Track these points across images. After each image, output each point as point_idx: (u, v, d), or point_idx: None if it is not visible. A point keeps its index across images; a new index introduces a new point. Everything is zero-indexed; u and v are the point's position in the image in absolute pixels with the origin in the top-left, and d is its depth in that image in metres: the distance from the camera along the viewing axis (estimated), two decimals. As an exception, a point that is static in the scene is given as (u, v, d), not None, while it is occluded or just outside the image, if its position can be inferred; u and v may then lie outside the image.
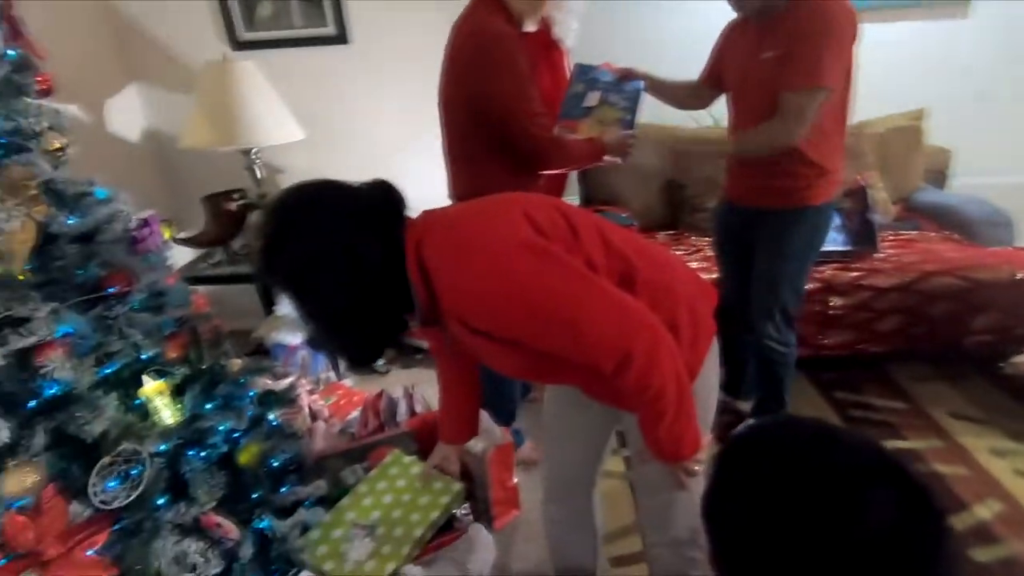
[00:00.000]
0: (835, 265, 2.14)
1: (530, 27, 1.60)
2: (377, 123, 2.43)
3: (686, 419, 0.88)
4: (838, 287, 2.10)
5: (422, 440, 1.70)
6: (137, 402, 1.07)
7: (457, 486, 1.44)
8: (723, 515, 0.55)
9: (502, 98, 1.46)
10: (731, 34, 1.68)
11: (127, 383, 1.04)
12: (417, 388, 2.04)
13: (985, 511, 1.62)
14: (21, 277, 0.86)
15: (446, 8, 1.62)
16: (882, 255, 2.21)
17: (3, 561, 0.84)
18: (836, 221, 2.28)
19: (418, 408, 1.91)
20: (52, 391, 0.91)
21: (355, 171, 2.78)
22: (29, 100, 0.95)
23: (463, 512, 1.51)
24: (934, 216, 2.54)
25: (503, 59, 1.44)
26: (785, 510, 0.49)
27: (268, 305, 2.62)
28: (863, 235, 2.24)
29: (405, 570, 1.27)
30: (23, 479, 0.85)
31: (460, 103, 1.55)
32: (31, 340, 0.87)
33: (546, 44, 2.50)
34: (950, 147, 2.93)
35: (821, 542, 0.47)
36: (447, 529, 1.42)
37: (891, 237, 2.39)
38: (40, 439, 0.90)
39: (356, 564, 1.23)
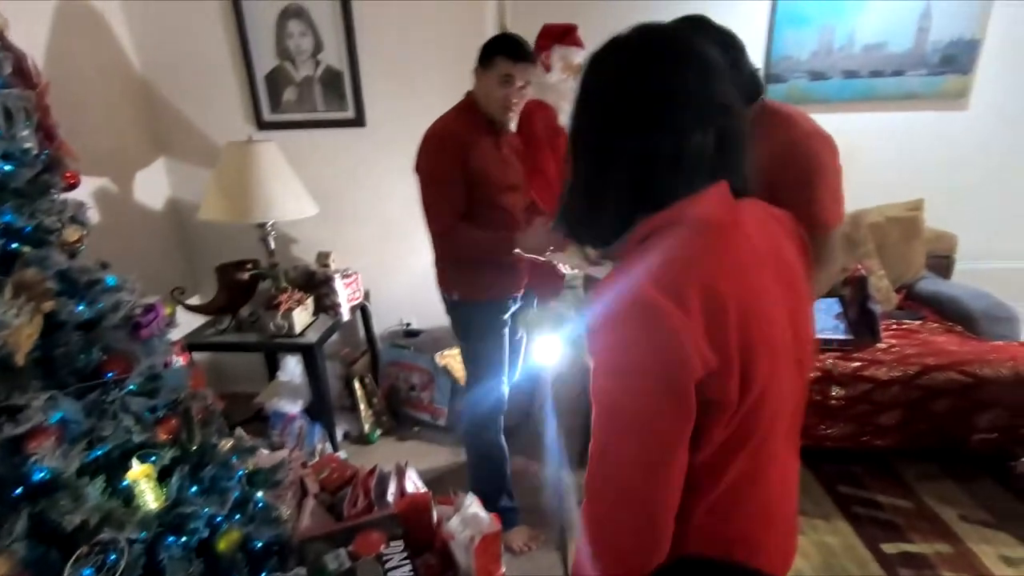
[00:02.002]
0: (835, 354, 2.14)
1: (510, 127, 1.84)
2: (387, 200, 2.54)
3: None
4: (838, 377, 2.09)
5: (408, 523, 1.67)
6: (123, 484, 1.08)
7: None
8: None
9: (419, 184, 1.70)
10: None
11: (115, 466, 1.06)
12: (410, 465, 2.02)
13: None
14: (21, 365, 0.90)
15: (453, 97, 1.75)
16: (884, 345, 2.20)
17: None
18: (835, 309, 2.29)
19: (408, 487, 1.89)
20: (39, 477, 0.93)
21: (363, 245, 2.89)
22: (54, 198, 1.03)
23: (446, 604, 1.47)
24: (937, 306, 2.53)
25: (426, 154, 1.68)
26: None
27: (271, 371, 2.67)
28: (863, 325, 2.24)
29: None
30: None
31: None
32: (24, 428, 0.90)
33: (554, 132, 2.64)
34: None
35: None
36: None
37: (894, 327, 2.39)
38: (22, 525, 0.92)
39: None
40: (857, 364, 2.10)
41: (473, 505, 1.72)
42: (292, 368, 2.55)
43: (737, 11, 3.83)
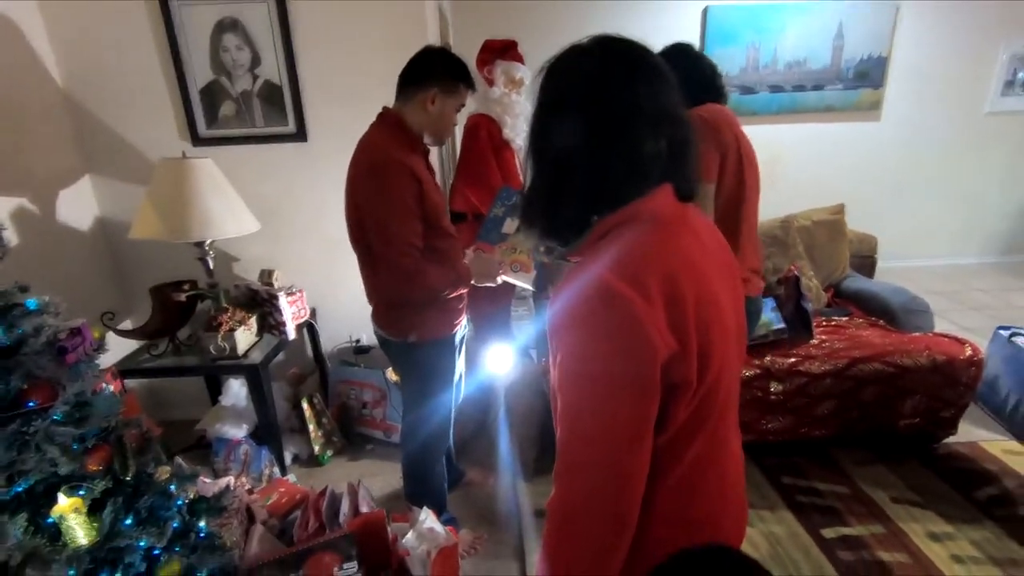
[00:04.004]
0: (774, 352, 2.25)
1: (432, 144, 1.66)
2: (331, 215, 2.50)
3: None
4: (776, 373, 2.19)
5: (362, 543, 1.63)
6: (49, 520, 1.02)
7: None
8: None
9: (377, 219, 1.52)
10: None
11: (39, 501, 0.99)
12: (363, 482, 1.98)
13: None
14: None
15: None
16: (816, 341, 2.33)
17: None
18: (770, 305, 2.42)
19: (363, 506, 1.85)
20: (-48, 518, 0.87)
21: (308, 261, 2.81)
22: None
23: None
24: (862, 302, 2.71)
25: (387, 185, 1.49)
26: None
27: (213, 396, 2.55)
28: (798, 322, 2.37)
29: None
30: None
31: (350, 214, 1.61)
32: (-66, 464, 0.84)
33: (497, 144, 2.67)
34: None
35: None
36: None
37: (824, 323, 2.54)
38: (-69, 571, 0.85)
39: None
40: (793, 360, 2.22)
41: (428, 519, 1.70)
42: (236, 391, 2.46)
43: (669, 29, 4.03)
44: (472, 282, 1.72)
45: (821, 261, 2.83)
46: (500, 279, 1.84)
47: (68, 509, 1.02)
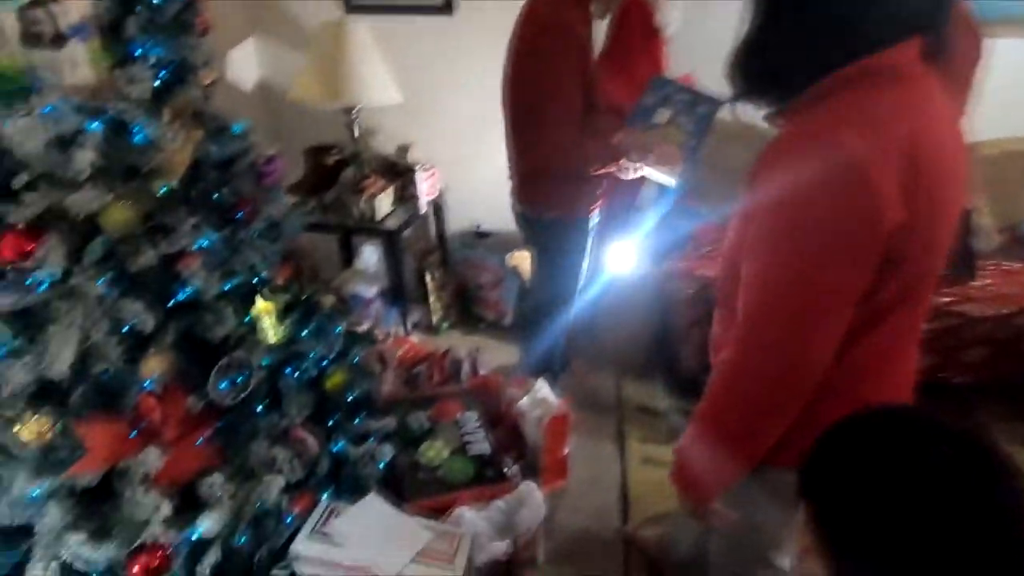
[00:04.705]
0: (924, 287, 2.05)
1: (599, 16, 1.59)
2: (469, 95, 2.50)
3: (705, 451, 0.79)
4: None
5: (482, 401, 1.78)
6: (247, 319, 1.19)
7: None
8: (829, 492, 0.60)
9: (541, 82, 1.47)
10: None
11: (243, 299, 1.15)
12: (480, 353, 2.12)
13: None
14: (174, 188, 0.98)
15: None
16: (979, 284, 2.10)
17: (134, 433, 0.98)
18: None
19: (481, 371, 2.00)
20: (186, 294, 1.03)
21: (441, 140, 2.85)
22: (192, 40, 1.07)
23: (512, 472, 1.58)
24: (1044, 251, 2.36)
25: (555, 48, 1.44)
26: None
27: (346, 259, 2.78)
28: (961, 261, 2.12)
29: (458, 512, 1.36)
30: (158, 366, 0.98)
31: (513, 73, 1.57)
32: (176, 247, 0.99)
33: (647, 31, 2.49)
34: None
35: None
36: (500, 481, 1.49)
37: (991, 266, 2.25)
38: (171, 335, 1.03)
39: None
40: (948, 299, 2.02)
41: (544, 389, 1.80)
42: (368, 257, 2.66)
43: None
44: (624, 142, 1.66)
45: (1002, 199, 2.47)
46: (641, 170, 1.78)
47: (263, 310, 1.18)
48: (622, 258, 2.41)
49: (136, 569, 0.95)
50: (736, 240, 0.78)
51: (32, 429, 0.90)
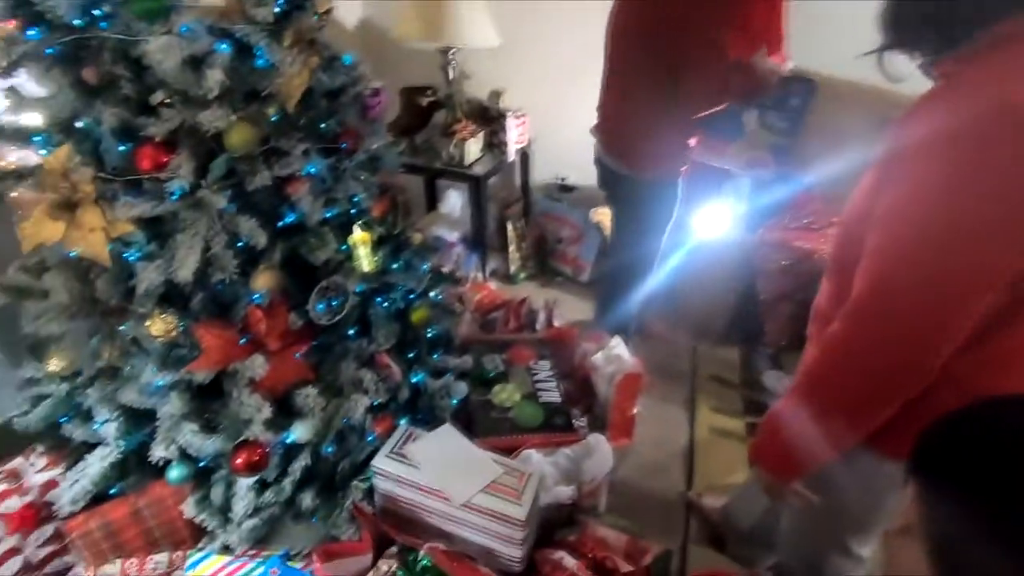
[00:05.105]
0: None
1: None
2: (565, 42, 2.41)
3: (800, 428, 0.74)
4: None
5: (556, 351, 1.79)
6: (344, 247, 1.24)
7: None
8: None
9: (688, 28, 1.45)
10: None
11: (342, 228, 1.21)
12: (557, 306, 2.12)
13: None
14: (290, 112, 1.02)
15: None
16: None
17: (243, 340, 1.07)
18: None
19: (556, 323, 2.00)
20: (293, 218, 1.09)
21: (533, 88, 2.78)
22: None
23: (580, 424, 1.59)
24: None
25: None
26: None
27: (430, 203, 2.84)
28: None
29: (525, 454, 1.39)
30: (266, 282, 1.05)
31: (635, 29, 1.53)
32: (287, 171, 1.04)
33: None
34: None
35: None
36: (568, 430, 1.51)
37: None
38: (279, 254, 1.10)
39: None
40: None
41: (619, 347, 1.79)
42: (452, 201, 2.69)
43: None
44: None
45: None
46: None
47: (360, 240, 1.23)
48: (711, 223, 2.31)
49: (239, 461, 1.05)
50: (863, 205, 0.72)
51: (160, 326, 1.00)
